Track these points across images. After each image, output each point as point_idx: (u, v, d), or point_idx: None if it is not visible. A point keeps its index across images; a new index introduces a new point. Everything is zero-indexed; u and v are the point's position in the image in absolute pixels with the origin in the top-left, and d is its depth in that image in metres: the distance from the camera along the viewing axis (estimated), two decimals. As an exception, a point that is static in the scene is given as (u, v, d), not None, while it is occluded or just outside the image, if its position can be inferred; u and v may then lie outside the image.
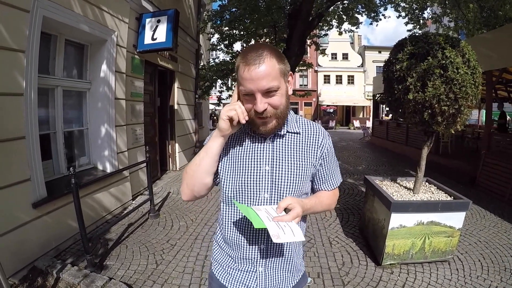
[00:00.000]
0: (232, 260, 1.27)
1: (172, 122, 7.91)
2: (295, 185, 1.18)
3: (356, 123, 29.74)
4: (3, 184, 2.85)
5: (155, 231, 4.19)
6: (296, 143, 1.22)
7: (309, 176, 1.24)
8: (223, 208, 1.27)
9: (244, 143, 1.21)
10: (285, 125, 1.20)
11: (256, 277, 1.23)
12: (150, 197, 4.62)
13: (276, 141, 1.20)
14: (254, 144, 1.20)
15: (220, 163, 1.22)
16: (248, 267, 1.24)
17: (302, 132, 1.24)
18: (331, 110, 32.46)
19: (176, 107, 7.95)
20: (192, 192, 1.21)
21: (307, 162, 1.21)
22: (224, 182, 1.22)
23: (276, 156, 1.18)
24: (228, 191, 1.21)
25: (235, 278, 1.26)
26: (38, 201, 3.24)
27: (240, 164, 1.19)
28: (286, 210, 1.04)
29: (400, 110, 3.33)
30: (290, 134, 1.22)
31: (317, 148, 1.23)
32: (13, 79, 2.97)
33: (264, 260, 1.22)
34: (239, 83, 1.08)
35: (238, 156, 1.20)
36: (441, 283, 3.04)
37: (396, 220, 3.16)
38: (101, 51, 4.54)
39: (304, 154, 1.21)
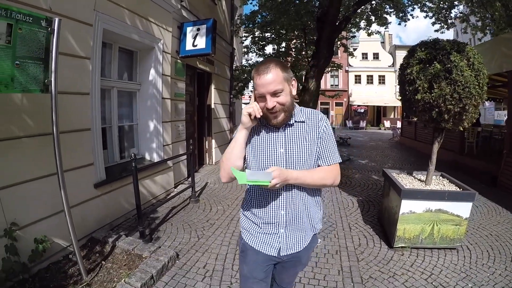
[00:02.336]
0: (257, 226, 1.59)
1: (209, 120, 8.57)
2: (303, 162, 1.51)
3: (387, 124, 29.35)
4: (73, 166, 3.44)
5: (196, 213, 4.82)
6: (303, 129, 1.54)
7: (314, 154, 1.55)
8: (249, 185, 1.59)
9: (263, 133, 1.55)
10: (293, 117, 1.54)
11: (279, 238, 1.55)
12: (191, 184, 5.28)
13: (287, 130, 1.53)
14: (270, 133, 1.54)
15: (246, 149, 1.56)
16: (272, 230, 1.56)
17: (307, 120, 1.56)
18: (362, 110, 32.07)
19: (212, 106, 8.60)
20: (228, 175, 1.51)
21: (312, 142, 1.54)
22: (249, 163, 1.58)
23: (288, 141, 1.51)
24: (253, 169, 1.55)
25: (262, 240, 1.58)
26: (99, 182, 3.90)
27: (261, 149, 1.53)
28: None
29: (413, 109, 3.69)
30: (297, 123, 1.55)
31: (318, 128, 1.55)
32: (82, 81, 3.60)
33: (284, 223, 1.54)
34: (254, 88, 1.45)
35: (259, 143, 1.54)
36: (447, 266, 3.33)
37: (406, 206, 3.54)
38: (149, 56, 5.22)
39: (309, 136, 1.54)
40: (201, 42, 5.87)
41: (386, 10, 9.51)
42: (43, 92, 2.45)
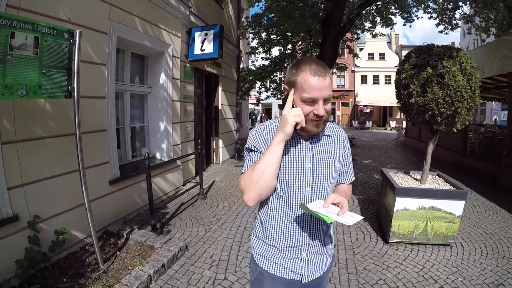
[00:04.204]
0: (277, 250, 1.40)
1: (217, 121, 8.85)
2: (331, 179, 1.39)
3: (393, 124, 29.30)
4: (90, 164, 3.66)
5: (203, 209, 5.11)
6: (329, 144, 1.42)
7: (339, 170, 1.48)
8: (272, 203, 1.40)
9: (289, 144, 1.34)
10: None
11: (300, 261, 1.39)
12: (199, 182, 5.56)
13: (314, 143, 1.38)
14: (297, 145, 1.36)
15: None
16: (293, 255, 1.39)
17: (332, 135, 1.45)
18: (368, 111, 32.05)
19: (220, 107, 8.89)
20: (259, 197, 1.28)
21: (338, 158, 1.44)
22: None
23: (316, 155, 1.36)
24: (278, 187, 1.35)
25: (283, 266, 1.40)
26: (113, 179, 4.17)
27: (287, 163, 1.33)
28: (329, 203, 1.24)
29: (408, 112, 3.88)
30: (324, 136, 1.42)
31: (343, 146, 1.47)
32: (98, 86, 3.87)
33: (306, 246, 1.38)
34: (302, 90, 1.22)
35: (285, 156, 1.33)
36: (439, 261, 3.49)
37: (401, 203, 3.73)
38: (159, 61, 5.48)
39: (336, 152, 1.43)
40: (208, 47, 6.15)
41: (391, 11, 9.57)
42: (67, 98, 2.71)
